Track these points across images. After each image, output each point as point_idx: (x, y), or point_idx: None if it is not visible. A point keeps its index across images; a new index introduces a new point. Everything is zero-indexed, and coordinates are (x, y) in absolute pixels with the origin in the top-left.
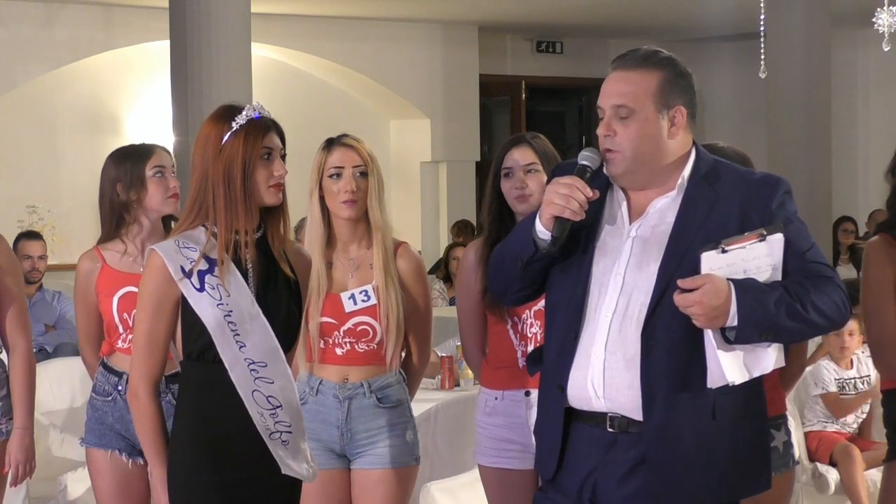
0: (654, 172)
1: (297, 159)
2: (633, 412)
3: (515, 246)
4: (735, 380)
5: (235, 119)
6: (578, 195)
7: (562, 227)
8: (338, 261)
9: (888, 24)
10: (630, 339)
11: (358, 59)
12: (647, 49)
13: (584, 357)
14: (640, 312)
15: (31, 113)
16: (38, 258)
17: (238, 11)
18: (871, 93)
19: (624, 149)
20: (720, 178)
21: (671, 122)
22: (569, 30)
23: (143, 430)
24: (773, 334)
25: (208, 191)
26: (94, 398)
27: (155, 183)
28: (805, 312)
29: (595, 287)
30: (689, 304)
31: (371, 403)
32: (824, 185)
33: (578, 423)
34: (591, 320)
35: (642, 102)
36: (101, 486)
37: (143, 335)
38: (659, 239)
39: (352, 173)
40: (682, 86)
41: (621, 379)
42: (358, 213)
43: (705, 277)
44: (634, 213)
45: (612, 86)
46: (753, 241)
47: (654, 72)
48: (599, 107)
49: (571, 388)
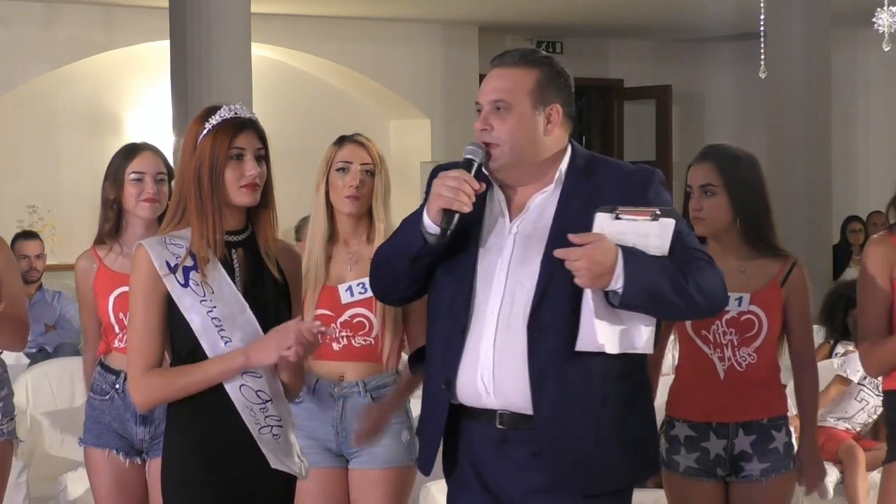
0: (531, 168)
1: (297, 159)
2: (524, 407)
3: (403, 242)
4: (607, 346)
5: (209, 119)
6: (466, 187)
7: (450, 220)
8: (338, 254)
9: (888, 24)
10: (517, 334)
11: (358, 59)
12: (526, 48)
13: (472, 353)
14: (525, 307)
15: (31, 113)
16: (36, 257)
17: (238, 11)
18: (871, 93)
19: (502, 142)
20: (596, 171)
21: (547, 119)
22: (569, 30)
23: (185, 389)
24: (655, 303)
25: (185, 191)
26: (91, 397)
27: (131, 185)
28: (687, 287)
29: (480, 283)
30: (576, 257)
31: (366, 403)
32: (824, 185)
33: (466, 421)
34: (478, 316)
35: (519, 98)
36: (99, 485)
37: (136, 329)
38: (540, 234)
39: (358, 169)
40: (558, 84)
41: (510, 374)
42: (359, 210)
43: (595, 235)
44: (514, 210)
45: (491, 82)
46: (647, 217)
47: (530, 70)
48: (477, 103)
49: (461, 385)
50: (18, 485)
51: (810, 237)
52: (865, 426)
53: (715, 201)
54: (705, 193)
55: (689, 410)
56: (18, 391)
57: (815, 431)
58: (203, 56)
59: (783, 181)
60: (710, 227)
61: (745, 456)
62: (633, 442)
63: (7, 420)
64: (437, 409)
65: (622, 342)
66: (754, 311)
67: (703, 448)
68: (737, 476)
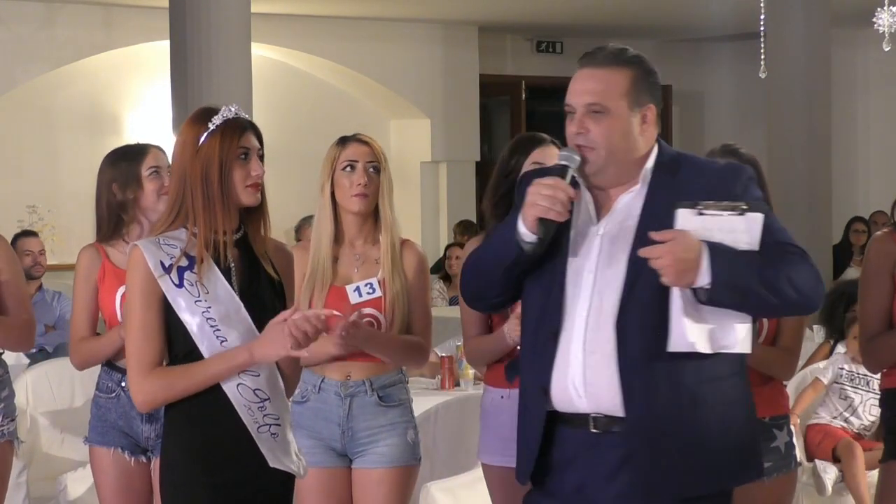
0: (624, 169)
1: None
2: (615, 409)
3: (497, 250)
4: (698, 344)
5: (212, 120)
6: (562, 195)
7: (547, 229)
8: (343, 255)
9: (888, 24)
10: (606, 335)
11: (358, 59)
12: (615, 47)
13: (563, 357)
14: (613, 308)
15: (31, 113)
16: (38, 253)
17: (238, 11)
18: (871, 93)
19: (598, 146)
20: (682, 168)
21: (643, 120)
22: (569, 30)
23: (189, 389)
24: (744, 299)
25: (187, 192)
26: (97, 395)
27: (150, 181)
28: (779, 282)
29: (570, 287)
30: (658, 254)
31: (373, 402)
32: (824, 185)
33: (561, 426)
34: (568, 320)
35: (615, 100)
36: (104, 483)
37: (135, 329)
38: (626, 234)
39: (364, 167)
40: (650, 83)
41: (601, 376)
42: (367, 208)
43: (677, 231)
44: (601, 211)
45: (583, 83)
46: (733, 213)
47: (624, 70)
48: (569, 104)
49: (554, 390)
50: (18, 485)
51: (810, 237)
52: (867, 429)
53: None
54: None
55: None
56: (18, 391)
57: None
58: (203, 56)
59: (783, 181)
60: None
61: None
62: (729, 445)
63: (8, 421)
64: (535, 416)
65: (714, 341)
66: None
67: None
68: None
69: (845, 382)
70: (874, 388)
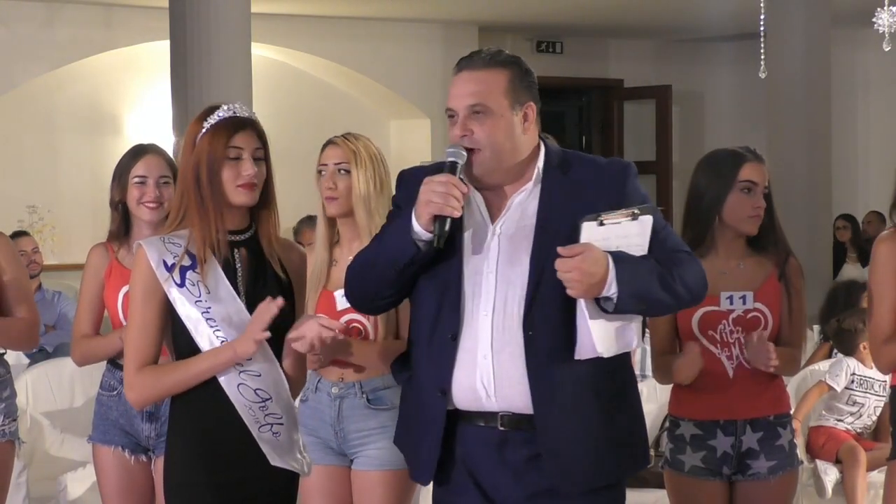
0: (511, 168)
1: (297, 159)
2: (524, 408)
3: (390, 251)
4: (605, 351)
5: (208, 119)
6: (455, 191)
7: (442, 226)
8: (341, 258)
9: (888, 24)
10: (513, 334)
11: (358, 59)
12: (492, 49)
13: (469, 358)
14: (519, 307)
15: (31, 113)
16: (32, 251)
17: (238, 11)
18: (871, 93)
19: (484, 146)
20: (572, 166)
21: (524, 118)
22: (569, 30)
23: (176, 386)
24: (646, 304)
25: (186, 191)
26: (100, 393)
27: (134, 188)
28: (674, 283)
29: (468, 287)
30: (568, 269)
31: (362, 404)
32: (824, 185)
33: (463, 424)
34: (470, 321)
35: (496, 100)
36: (106, 482)
37: (134, 325)
38: (525, 233)
39: (333, 170)
40: (528, 82)
41: (510, 375)
42: (341, 211)
43: (584, 246)
44: (494, 211)
45: (464, 86)
46: (628, 218)
47: (502, 70)
48: (450, 108)
49: (457, 391)
50: (18, 485)
51: (810, 237)
52: (867, 428)
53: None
54: (758, 194)
55: (694, 409)
56: (18, 391)
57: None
58: (203, 56)
59: (783, 181)
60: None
61: (752, 453)
62: (625, 436)
63: (9, 421)
64: (432, 417)
65: (618, 344)
66: (760, 308)
67: (709, 446)
68: (743, 474)
69: (855, 388)
70: (879, 391)
